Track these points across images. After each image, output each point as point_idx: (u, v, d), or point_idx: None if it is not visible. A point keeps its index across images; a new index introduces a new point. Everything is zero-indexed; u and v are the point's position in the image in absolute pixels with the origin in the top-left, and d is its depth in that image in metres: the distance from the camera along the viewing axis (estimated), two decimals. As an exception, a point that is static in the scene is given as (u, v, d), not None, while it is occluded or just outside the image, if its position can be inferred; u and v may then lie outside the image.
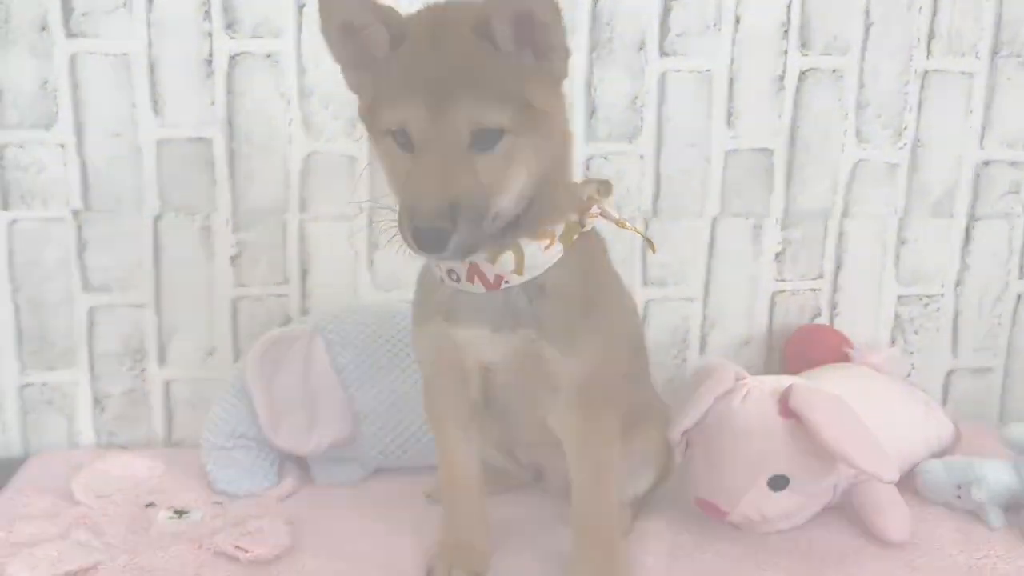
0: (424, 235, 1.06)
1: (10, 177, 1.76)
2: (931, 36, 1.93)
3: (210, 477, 1.63)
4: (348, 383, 1.68)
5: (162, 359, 1.87)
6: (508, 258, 1.19)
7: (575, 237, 1.24)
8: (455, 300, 1.24)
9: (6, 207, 1.77)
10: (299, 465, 1.71)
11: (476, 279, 1.20)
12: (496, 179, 1.10)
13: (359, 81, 1.19)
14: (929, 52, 1.93)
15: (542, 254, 1.20)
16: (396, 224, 1.10)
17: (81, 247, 1.80)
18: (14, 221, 1.77)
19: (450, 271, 1.22)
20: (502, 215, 1.13)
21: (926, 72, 1.94)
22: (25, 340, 1.82)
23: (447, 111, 1.07)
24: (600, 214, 1.28)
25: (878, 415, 1.51)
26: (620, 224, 1.31)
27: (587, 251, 1.27)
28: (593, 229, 1.29)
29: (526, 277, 1.20)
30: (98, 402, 1.87)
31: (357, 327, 1.72)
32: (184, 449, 1.83)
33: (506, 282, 1.20)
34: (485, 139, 1.09)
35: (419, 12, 1.16)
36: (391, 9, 1.14)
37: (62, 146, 1.76)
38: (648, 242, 1.38)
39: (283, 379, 1.64)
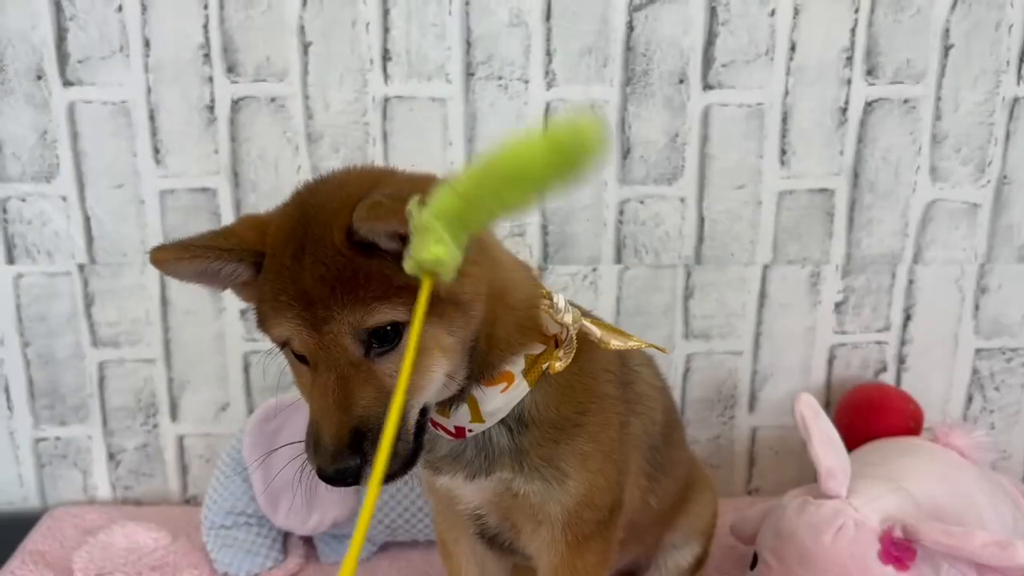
0: (331, 479, 0.91)
1: (14, 230, 1.69)
2: (1023, 58, 1.67)
3: (211, 557, 1.56)
4: (353, 456, 1.58)
5: (174, 414, 1.80)
6: (463, 410, 1.04)
7: (544, 367, 1.06)
8: (434, 444, 1.11)
9: (11, 261, 1.71)
10: (304, 540, 1.62)
11: (439, 428, 1.07)
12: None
13: (246, 297, 1.06)
14: (1020, 77, 1.68)
15: (500, 397, 1.04)
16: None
17: (88, 301, 1.73)
18: (20, 275, 1.71)
19: None
20: (429, 411, 1.00)
21: (1016, 100, 1.69)
22: (37, 395, 1.78)
23: (327, 321, 0.91)
24: (563, 341, 1.07)
25: (962, 515, 1.33)
26: (610, 344, 1.08)
27: (581, 361, 1.09)
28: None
29: (488, 423, 1.06)
30: (112, 457, 1.82)
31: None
32: (196, 510, 1.76)
33: (470, 431, 1.06)
34: (383, 339, 0.92)
35: (275, 223, 0.99)
36: (235, 237, 0.99)
37: (64, 198, 1.68)
38: (657, 348, 1.18)
39: (281, 452, 1.54)
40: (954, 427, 1.57)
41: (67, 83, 1.63)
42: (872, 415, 1.68)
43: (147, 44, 1.62)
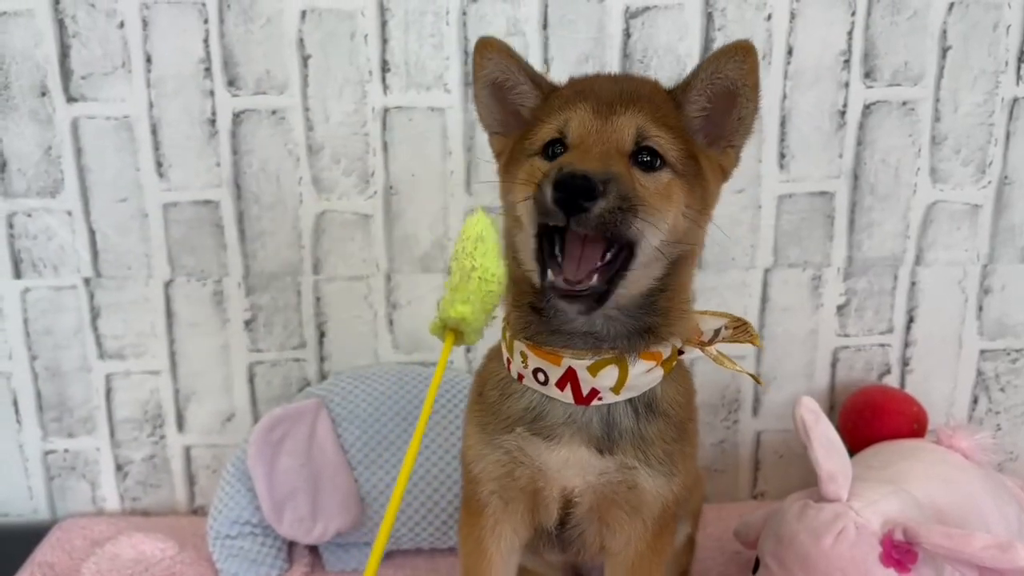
0: (570, 180, 0.92)
1: (20, 245, 1.71)
2: (1021, 58, 1.67)
3: (217, 567, 1.57)
4: (355, 463, 1.59)
5: (181, 425, 1.81)
6: (610, 372, 1.05)
7: (674, 364, 1.12)
8: (544, 409, 1.09)
9: (18, 276, 1.73)
10: (309, 549, 1.63)
11: (568, 387, 1.07)
12: (650, 200, 0.99)
13: (503, 142, 1.15)
14: (1019, 77, 1.68)
15: (645, 375, 1.07)
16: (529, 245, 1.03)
17: (94, 314, 1.75)
18: (27, 290, 1.73)
19: (537, 370, 1.07)
20: (638, 258, 1.00)
21: (1015, 100, 1.69)
22: (45, 407, 1.79)
23: (615, 114, 1.01)
24: (705, 344, 1.16)
25: (965, 517, 1.33)
26: (724, 363, 1.18)
27: (682, 369, 1.17)
28: None
29: (622, 397, 1.07)
30: (120, 468, 1.83)
31: (366, 398, 1.63)
32: (204, 520, 1.77)
33: (600, 398, 1.07)
34: (646, 162, 1.01)
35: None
36: (542, 74, 1.13)
37: (69, 213, 1.70)
38: (755, 379, 1.23)
39: (285, 461, 1.56)
40: (958, 429, 1.56)
41: (71, 99, 1.65)
42: (876, 418, 1.68)
43: (149, 59, 1.64)
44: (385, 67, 1.65)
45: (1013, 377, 1.82)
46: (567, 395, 1.07)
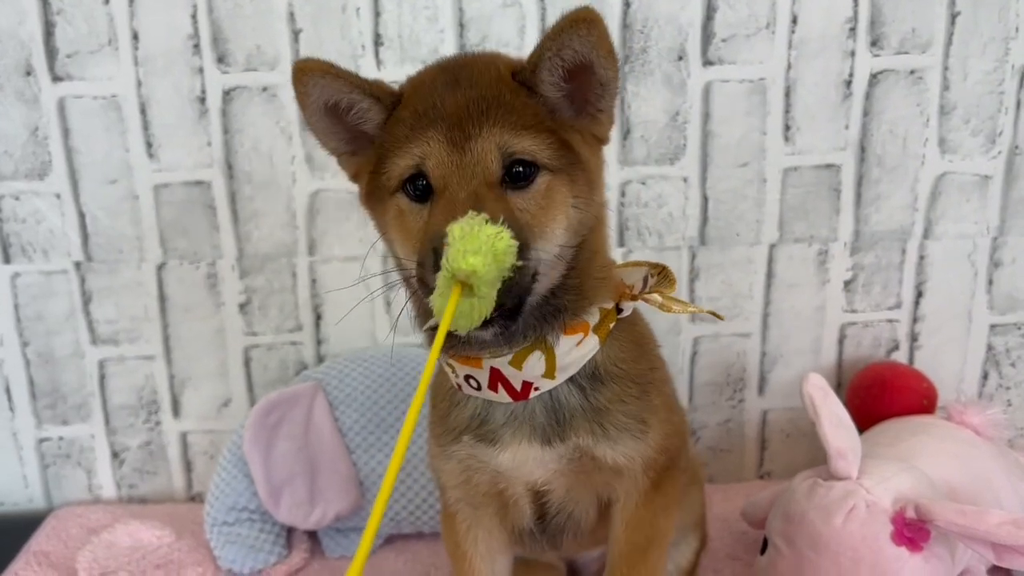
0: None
1: (9, 229, 1.68)
2: (1032, 24, 1.63)
3: (214, 554, 1.54)
4: (352, 447, 1.56)
5: (176, 411, 1.78)
6: (536, 360, 0.99)
7: (611, 326, 1.05)
8: (488, 413, 1.05)
9: (7, 260, 1.69)
10: (308, 535, 1.60)
11: (500, 387, 1.01)
12: (535, 220, 0.93)
13: (355, 163, 1.07)
14: (1030, 43, 1.63)
15: (575, 350, 1.01)
16: (412, 288, 0.96)
17: (86, 299, 1.71)
18: (16, 275, 1.70)
19: (468, 377, 1.03)
20: (542, 275, 0.94)
21: (1026, 67, 1.65)
22: (39, 395, 1.76)
23: (472, 138, 0.93)
24: (638, 296, 1.08)
25: (977, 494, 1.30)
26: (671, 308, 1.06)
27: (630, 323, 1.10)
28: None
29: (559, 380, 1.02)
30: (116, 455, 1.80)
31: (364, 381, 1.60)
32: (201, 506, 1.74)
33: (536, 389, 1.01)
34: (518, 174, 0.94)
35: (414, 79, 1.03)
36: (377, 82, 1.02)
37: (58, 196, 1.66)
38: (715, 315, 1.15)
39: (282, 446, 1.53)
40: (968, 405, 1.53)
41: (56, 78, 1.61)
42: (884, 395, 1.65)
43: (135, 36, 1.59)
44: (378, 41, 1.61)
45: (1024, 352, 1.79)
46: (503, 395, 1.02)
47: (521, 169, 0.94)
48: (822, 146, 1.67)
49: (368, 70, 1.61)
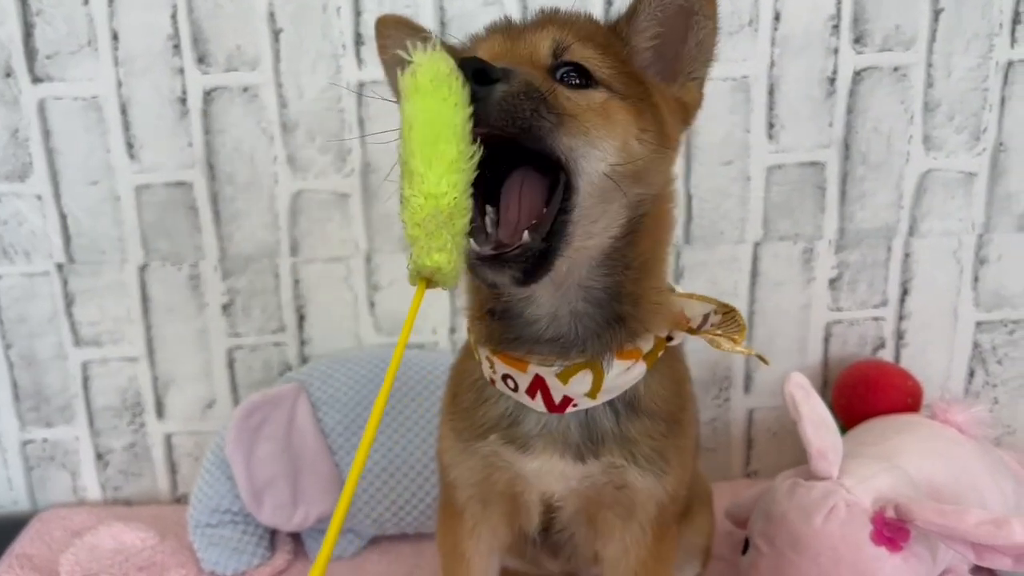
0: (462, 63, 0.80)
1: (-10, 231, 1.67)
2: (1015, 20, 1.62)
3: (197, 556, 1.54)
4: (335, 448, 1.55)
5: (160, 412, 1.77)
6: (583, 377, 0.96)
7: (660, 354, 1.01)
8: (519, 416, 1.01)
9: (-11, 262, 1.69)
10: (292, 536, 1.60)
11: (538, 394, 0.98)
12: (583, 116, 0.85)
13: None
14: (1013, 40, 1.62)
15: (624, 375, 0.97)
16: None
17: (69, 301, 1.71)
18: (-2, 277, 1.69)
19: (506, 376, 0.99)
20: (578, 212, 0.86)
21: (1010, 63, 1.63)
22: (22, 397, 1.76)
23: (527, 32, 0.91)
24: (696, 332, 1.04)
25: (961, 493, 1.30)
26: (721, 345, 1.02)
27: (672, 356, 1.06)
28: None
29: (599, 401, 0.98)
30: (100, 457, 1.79)
31: (347, 382, 1.59)
32: (186, 508, 1.73)
33: (574, 405, 0.98)
34: (571, 75, 0.89)
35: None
36: (451, 44, 1.02)
37: (39, 197, 1.65)
38: (761, 359, 1.09)
39: (264, 448, 1.52)
40: (952, 403, 1.52)
41: (36, 80, 1.60)
42: (870, 393, 1.64)
43: (115, 37, 1.59)
44: (359, 40, 1.60)
45: (1010, 349, 1.78)
46: (539, 403, 0.98)
47: (575, 75, 0.89)
48: (806, 144, 1.67)
49: (349, 70, 1.61)
